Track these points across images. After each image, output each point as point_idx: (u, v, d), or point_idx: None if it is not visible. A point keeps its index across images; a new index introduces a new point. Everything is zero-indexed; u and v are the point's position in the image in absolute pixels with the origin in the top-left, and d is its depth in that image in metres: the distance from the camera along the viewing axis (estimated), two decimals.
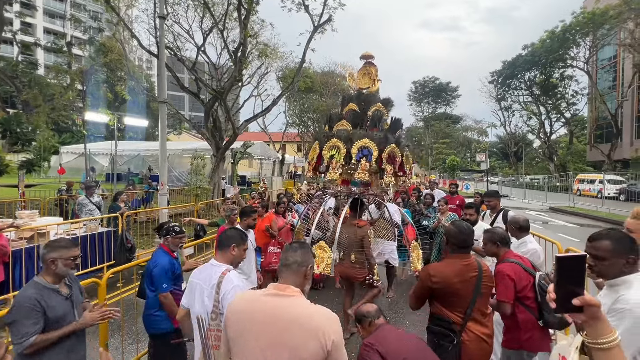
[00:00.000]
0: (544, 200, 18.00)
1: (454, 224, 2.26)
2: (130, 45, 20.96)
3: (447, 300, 2.09)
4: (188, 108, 51.56)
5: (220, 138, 12.54)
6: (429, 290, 2.13)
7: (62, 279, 1.98)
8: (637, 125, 27.74)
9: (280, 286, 1.38)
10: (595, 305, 0.92)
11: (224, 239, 2.07)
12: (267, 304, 1.35)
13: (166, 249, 2.81)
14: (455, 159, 37.74)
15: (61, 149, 16.50)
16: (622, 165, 27.01)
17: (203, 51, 13.46)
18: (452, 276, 2.07)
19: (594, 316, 0.93)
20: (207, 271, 1.98)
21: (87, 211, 6.32)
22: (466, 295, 2.07)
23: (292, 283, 1.40)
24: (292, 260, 1.43)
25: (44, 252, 1.93)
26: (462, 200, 5.87)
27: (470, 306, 2.07)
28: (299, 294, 1.37)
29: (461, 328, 2.05)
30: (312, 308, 1.34)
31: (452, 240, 2.18)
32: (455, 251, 2.18)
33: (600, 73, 32.88)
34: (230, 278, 1.90)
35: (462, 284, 2.06)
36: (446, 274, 2.08)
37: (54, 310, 1.85)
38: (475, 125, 50.21)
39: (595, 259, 1.54)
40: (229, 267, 1.97)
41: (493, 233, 2.53)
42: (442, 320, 2.08)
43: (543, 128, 34.66)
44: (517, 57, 32.48)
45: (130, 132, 23.24)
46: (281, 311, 1.31)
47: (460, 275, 2.07)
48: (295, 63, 20.13)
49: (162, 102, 7.50)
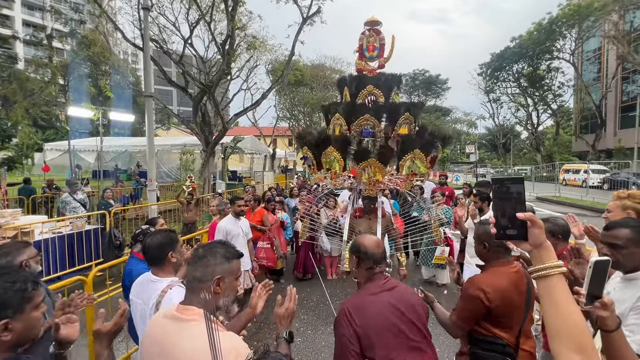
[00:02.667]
0: (531, 190, 18.38)
1: (488, 222, 1.86)
2: (114, 38, 20.37)
3: (502, 320, 1.69)
4: (176, 103, 50.65)
5: (209, 133, 12.36)
6: (483, 311, 1.67)
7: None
8: (621, 116, 28.38)
9: (180, 307, 1.16)
10: (540, 226, 0.85)
11: (154, 252, 1.73)
12: (161, 330, 1.15)
13: (138, 255, 2.57)
14: (445, 151, 38.14)
15: (44, 145, 16.00)
16: (606, 155, 27.70)
17: (190, 44, 13.16)
18: (510, 290, 1.68)
19: (537, 242, 0.85)
20: (148, 289, 1.69)
21: (71, 209, 6.19)
22: (521, 309, 1.72)
23: (197, 303, 1.15)
24: (190, 277, 1.20)
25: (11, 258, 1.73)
26: (451, 191, 5.94)
27: (523, 321, 1.73)
28: (198, 318, 1.11)
29: (516, 349, 1.70)
30: (197, 342, 1.05)
31: (492, 242, 1.75)
32: (500, 257, 1.78)
33: (586, 65, 33.46)
34: (171, 297, 1.57)
35: (519, 298, 1.71)
36: (503, 287, 1.68)
37: None
38: (465, 118, 50.74)
39: (612, 247, 1.44)
40: (172, 282, 1.67)
41: (555, 224, 2.14)
42: (495, 344, 1.67)
43: (530, 119, 35.24)
44: (505, 50, 32.79)
45: (117, 128, 22.70)
46: (169, 342, 1.11)
47: (516, 287, 1.71)
48: (284, 56, 19.91)
49: (148, 96, 7.33)
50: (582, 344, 0.77)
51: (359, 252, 1.65)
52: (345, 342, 1.43)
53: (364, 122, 3.34)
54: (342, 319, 1.48)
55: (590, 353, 0.76)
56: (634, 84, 26.82)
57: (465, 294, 1.75)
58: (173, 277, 1.73)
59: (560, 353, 0.78)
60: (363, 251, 1.64)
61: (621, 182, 15.57)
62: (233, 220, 4.08)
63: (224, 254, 1.23)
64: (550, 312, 0.81)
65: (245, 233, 4.13)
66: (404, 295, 1.59)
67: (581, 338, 0.77)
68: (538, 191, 17.76)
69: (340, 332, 1.47)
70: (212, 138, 12.26)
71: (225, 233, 3.92)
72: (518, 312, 1.70)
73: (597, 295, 1.08)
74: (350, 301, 1.58)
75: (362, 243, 1.67)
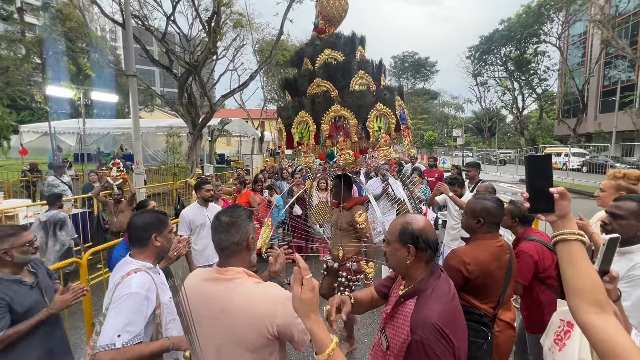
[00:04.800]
0: (514, 173, 18.92)
1: (487, 198, 1.89)
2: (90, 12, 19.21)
3: (481, 291, 1.75)
4: (160, 84, 48.87)
5: (196, 115, 12.06)
6: (461, 282, 1.72)
7: (23, 267, 1.83)
8: (602, 101, 29.15)
9: (221, 269, 1.21)
10: (568, 198, 0.96)
11: (137, 231, 1.61)
12: (209, 292, 1.19)
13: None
14: (433, 135, 38.54)
15: (21, 127, 15.27)
16: (586, 139, 28.60)
17: (173, 21, 12.57)
18: (490, 262, 1.74)
19: (563, 213, 0.95)
20: (119, 270, 1.58)
21: (60, 192, 6.02)
22: (500, 282, 1.78)
23: (234, 264, 1.22)
24: (227, 243, 1.22)
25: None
26: (440, 173, 6.06)
27: (503, 294, 1.78)
28: (241, 275, 1.20)
29: (493, 319, 1.75)
30: (255, 291, 1.16)
31: (488, 218, 1.81)
32: (489, 230, 1.84)
33: (571, 49, 33.90)
34: (130, 282, 1.46)
35: (498, 270, 1.76)
36: (483, 259, 1.74)
37: (20, 303, 1.72)
38: (452, 101, 51.10)
39: (612, 217, 1.53)
40: (142, 266, 1.56)
41: (516, 206, 2.25)
42: (472, 314, 1.71)
43: (516, 104, 35.83)
44: (494, 32, 32.85)
45: (98, 109, 21.80)
46: (222, 301, 1.15)
47: (497, 259, 1.76)
48: (272, 35, 19.32)
49: (131, 75, 7.05)
50: (600, 299, 0.86)
51: (418, 241, 1.23)
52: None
53: (315, 88, 2.56)
54: (437, 343, 1.07)
55: (606, 307, 0.86)
56: (615, 69, 27.44)
57: (447, 264, 1.81)
58: (149, 263, 1.59)
59: (579, 307, 0.88)
60: (424, 239, 1.23)
61: (599, 165, 16.20)
62: (199, 207, 3.50)
63: (247, 214, 1.30)
64: (570, 272, 0.91)
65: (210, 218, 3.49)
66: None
67: (599, 294, 0.87)
68: (521, 174, 18.32)
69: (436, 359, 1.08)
70: (198, 120, 11.98)
71: (188, 223, 3.40)
72: (497, 285, 1.76)
73: (606, 270, 1.18)
74: (436, 314, 1.12)
75: (419, 227, 1.26)
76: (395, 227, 1.30)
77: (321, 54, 2.64)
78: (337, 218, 2.85)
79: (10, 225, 1.94)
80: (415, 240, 1.23)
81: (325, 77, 2.51)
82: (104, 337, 1.36)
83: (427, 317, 1.11)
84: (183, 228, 3.41)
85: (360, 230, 2.75)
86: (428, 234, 1.24)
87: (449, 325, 1.10)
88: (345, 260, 2.79)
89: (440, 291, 1.20)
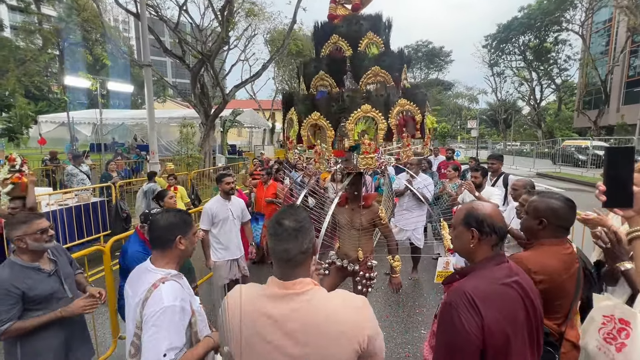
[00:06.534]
0: (531, 167, 18.43)
1: (554, 196, 1.61)
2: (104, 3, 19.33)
3: (547, 306, 1.47)
4: (171, 74, 49.21)
5: (208, 105, 12.11)
6: None
7: (42, 254, 1.81)
8: (625, 92, 27.94)
9: (287, 283, 1.03)
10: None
11: (160, 232, 1.47)
12: (273, 309, 1.01)
13: (141, 236, 2.51)
14: (447, 126, 37.80)
15: (39, 118, 15.64)
16: (607, 131, 27.57)
17: (185, 10, 12.54)
18: (560, 271, 1.49)
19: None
20: (141, 279, 1.43)
21: (78, 181, 6.16)
22: (570, 295, 1.54)
23: (302, 275, 1.05)
24: (296, 252, 1.03)
25: (7, 232, 1.75)
26: (458, 165, 5.92)
27: (571, 308, 1.55)
28: (311, 285, 1.04)
29: (560, 338, 1.53)
30: (335, 302, 1.03)
31: (554, 220, 1.55)
32: (555, 234, 1.57)
33: (594, 37, 32.42)
34: (160, 295, 1.31)
35: (569, 281, 1.52)
36: (552, 268, 1.48)
37: (36, 290, 1.71)
38: (467, 92, 49.87)
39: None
40: (167, 275, 1.41)
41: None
42: None
43: (533, 95, 34.68)
44: (513, 20, 31.65)
45: (113, 99, 22.13)
46: (299, 320, 1.00)
47: (566, 269, 1.51)
48: (284, 25, 19.12)
49: (146, 65, 7.09)
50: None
51: (483, 225, 1.25)
52: (467, 336, 1.07)
53: (318, 82, 2.33)
54: (463, 308, 1.10)
55: None
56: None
57: None
58: (172, 269, 1.46)
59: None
60: (489, 223, 1.24)
61: None
62: (221, 201, 3.41)
63: (308, 217, 1.12)
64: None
65: (237, 216, 3.47)
66: (527, 287, 1.21)
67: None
68: (538, 167, 17.82)
69: (458, 322, 1.09)
70: (211, 111, 12.02)
71: (210, 217, 3.30)
72: (566, 299, 1.53)
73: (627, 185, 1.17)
74: (472, 285, 1.16)
75: (485, 212, 1.27)
76: (461, 212, 1.34)
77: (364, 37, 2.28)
78: (351, 217, 2.63)
79: (26, 213, 1.97)
80: (480, 224, 1.25)
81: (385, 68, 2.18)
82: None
83: (462, 285, 1.18)
84: (205, 222, 3.34)
85: (384, 226, 2.66)
86: (494, 219, 1.26)
87: (484, 301, 1.11)
88: (366, 259, 2.67)
89: (489, 274, 1.20)
